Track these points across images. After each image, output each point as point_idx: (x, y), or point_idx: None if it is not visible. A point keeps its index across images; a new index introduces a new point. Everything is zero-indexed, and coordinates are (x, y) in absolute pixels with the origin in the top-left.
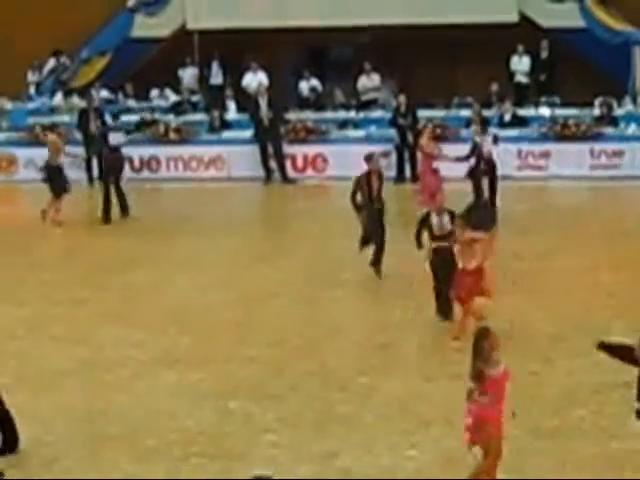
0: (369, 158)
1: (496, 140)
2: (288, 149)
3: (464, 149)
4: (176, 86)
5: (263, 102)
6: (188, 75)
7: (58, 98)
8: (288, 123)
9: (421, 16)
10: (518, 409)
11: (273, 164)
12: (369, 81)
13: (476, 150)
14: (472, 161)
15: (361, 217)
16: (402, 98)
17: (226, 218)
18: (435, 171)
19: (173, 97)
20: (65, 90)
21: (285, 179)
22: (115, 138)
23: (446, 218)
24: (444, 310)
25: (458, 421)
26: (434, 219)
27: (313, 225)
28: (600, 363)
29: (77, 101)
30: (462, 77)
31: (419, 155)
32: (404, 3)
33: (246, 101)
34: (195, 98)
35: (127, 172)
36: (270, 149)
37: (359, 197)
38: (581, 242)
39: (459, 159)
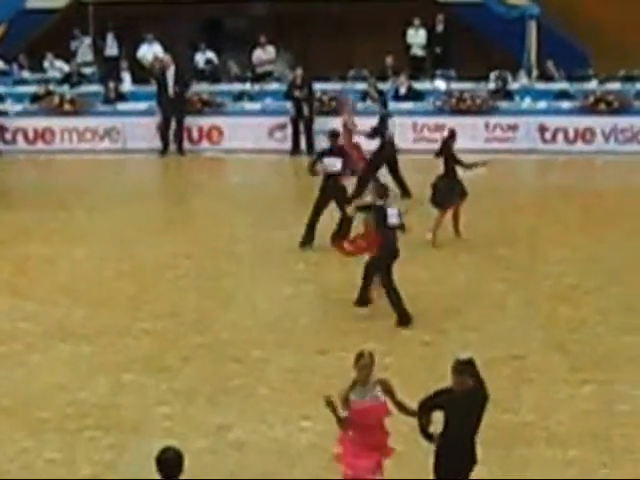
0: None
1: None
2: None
3: (360, 122)
4: (70, 58)
5: (170, 74)
6: (83, 46)
7: None
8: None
9: None
10: (412, 380)
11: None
12: (264, 54)
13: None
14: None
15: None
16: (298, 71)
17: (121, 190)
18: (356, 146)
19: (66, 68)
20: None
21: (181, 151)
22: None
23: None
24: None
25: None
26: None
27: (209, 198)
28: (493, 336)
29: None
30: (358, 50)
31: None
32: None
33: (141, 73)
34: (89, 70)
35: (21, 144)
36: (173, 122)
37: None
38: (476, 215)
39: (368, 135)
